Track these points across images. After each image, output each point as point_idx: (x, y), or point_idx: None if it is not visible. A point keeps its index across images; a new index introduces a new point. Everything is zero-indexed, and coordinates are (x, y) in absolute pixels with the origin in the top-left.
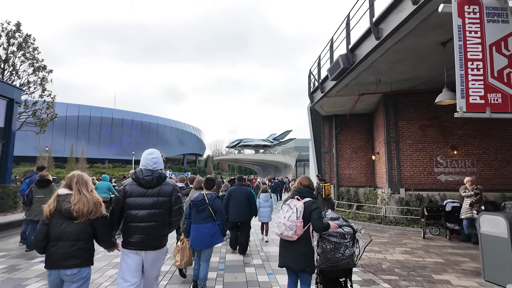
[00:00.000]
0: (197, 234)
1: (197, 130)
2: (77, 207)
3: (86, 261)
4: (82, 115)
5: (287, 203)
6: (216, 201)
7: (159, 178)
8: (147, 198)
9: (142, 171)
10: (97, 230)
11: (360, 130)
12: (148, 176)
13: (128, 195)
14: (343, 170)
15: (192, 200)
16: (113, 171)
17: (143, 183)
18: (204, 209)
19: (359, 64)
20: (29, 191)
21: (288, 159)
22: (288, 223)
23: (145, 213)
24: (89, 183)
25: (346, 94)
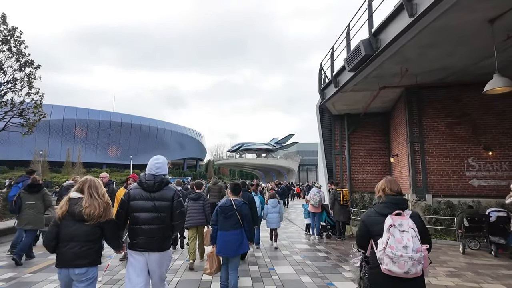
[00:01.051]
0: (225, 241)
1: (198, 134)
2: (88, 210)
3: (93, 261)
4: (79, 118)
5: (392, 223)
6: (243, 207)
7: (160, 182)
8: (149, 201)
9: (145, 175)
10: (106, 232)
11: (375, 131)
12: (150, 181)
13: (132, 199)
14: (356, 174)
15: (220, 206)
16: (111, 176)
17: (145, 187)
18: (232, 215)
19: (384, 51)
20: (18, 197)
21: (291, 163)
22: (417, 255)
23: (147, 216)
24: (100, 187)
25: (363, 88)
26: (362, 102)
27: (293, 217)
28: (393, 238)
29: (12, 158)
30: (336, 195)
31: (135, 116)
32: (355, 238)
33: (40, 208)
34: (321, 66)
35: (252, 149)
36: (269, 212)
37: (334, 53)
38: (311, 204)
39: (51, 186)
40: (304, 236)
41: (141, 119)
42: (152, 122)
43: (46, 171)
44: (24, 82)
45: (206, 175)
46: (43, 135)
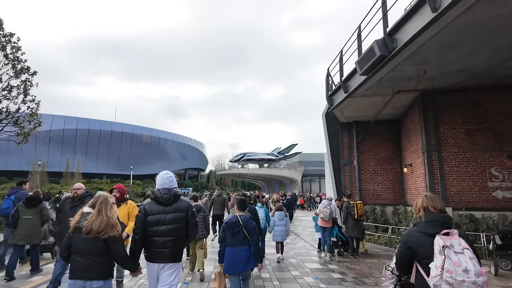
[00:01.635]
0: (234, 257)
1: (199, 144)
2: (88, 224)
3: (102, 274)
4: (80, 128)
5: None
6: (250, 222)
7: (175, 195)
8: (166, 214)
9: (160, 190)
10: (111, 250)
11: (385, 139)
12: (166, 194)
13: (149, 213)
14: (366, 185)
15: (226, 223)
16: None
17: (161, 201)
18: (239, 231)
19: (400, 51)
20: (15, 211)
21: (294, 173)
22: (479, 280)
23: (164, 229)
24: (111, 205)
25: (375, 93)
26: (372, 108)
27: (299, 230)
28: (450, 261)
29: (11, 168)
30: (349, 209)
31: (136, 126)
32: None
33: (36, 223)
34: (328, 71)
35: (254, 159)
36: (276, 224)
37: (343, 57)
38: (321, 218)
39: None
40: (314, 253)
41: (142, 128)
42: (153, 132)
43: (44, 182)
44: (20, 89)
45: (207, 185)
46: (43, 145)
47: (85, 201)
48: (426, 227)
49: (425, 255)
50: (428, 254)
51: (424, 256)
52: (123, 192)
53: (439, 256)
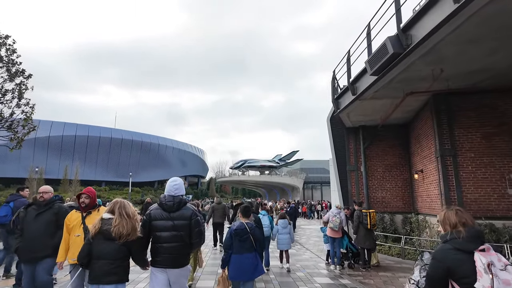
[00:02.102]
0: (240, 264)
1: (200, 151)
2: (116, 229)
3: (122, 278)
4: (79, 135)
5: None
6: (256, 230)
7: (179, 203)
8: (169, 221)
9: (165, 197)
10: (132, 251)
11: (393, 144)
12: (170, 201)
13: (153, 219)
14: (374, 193)
15: (235, 229)
16: (109, 194)
17: (165, 207)
18: (247, 238)
19: (416, 48)
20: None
21: (295, 181)
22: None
23: (167, 235)
24: (129, 208)
25: (385, 95)
26: (381, 112)
27: (303, 240)
28: (499, 280)
29: (9, 175)
30: (361, 218)
31: (136, 133)
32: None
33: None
34: (334, 74)
35: (255, 166)
36: (280, 233)
37: (350, 57)
38: (329, 228)
39: None
40: (322, 266)
41: (142, 135)
42: (153, 139)
43: None
44: (15, 93)
45: (208, 193)
46: (41, 152)
47: (53, 207)
48: (464, 244)
49: (465, 274)
50: (468, 273)
51: (464, 276)
52: (94, 197)
53: (485, 275)
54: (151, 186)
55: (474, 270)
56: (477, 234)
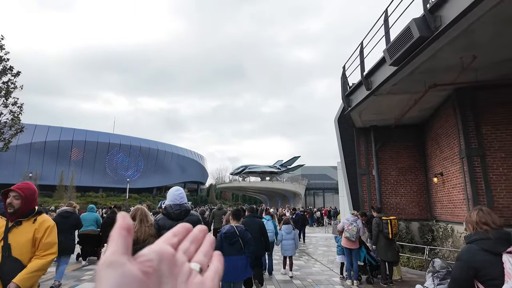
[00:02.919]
0: (231, 266)
1: (200, 157)
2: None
3: None
4: (76, 140)
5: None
6: (246, 233)
7: (186, 211)
8: None
9: (171, 206)
10: None
11: (407, 146)
12: (177, 210)
13: (162, 228)
14: (388, 198)
15: (225, 233)
16: (106, 201)
17: (173, 216)
18: (236, 241)
19: (446, 30)
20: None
21: (297, 187)
22: None
23: None
24: (149, 216)
25: (403, 90)
26: (396, 109)
27: (310, 250)
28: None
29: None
30: (381, 226)
31: (135, 138)
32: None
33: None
34: (344, 69)
35: (256, 172)
36: (284, 238)
37: (363, 50)
38: (345, 238)
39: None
40: (337, 280)
41: (141, 140)
42: (152, 144)
43: None
44: (2, 91)
45: (207, 199)
46: (37, 157)
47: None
48: (492, 245)
49: (492, 276)
50: (495, 275)
51: (491, 277)
52: (29, 199)
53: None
54: (149, 192)
55: (502, 272)
56: (506, 236)
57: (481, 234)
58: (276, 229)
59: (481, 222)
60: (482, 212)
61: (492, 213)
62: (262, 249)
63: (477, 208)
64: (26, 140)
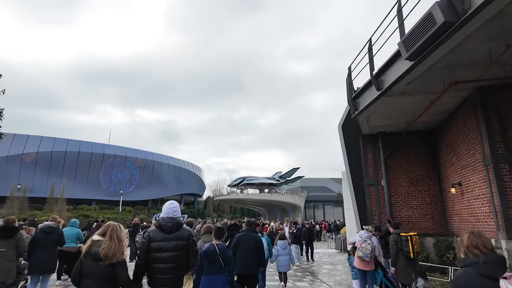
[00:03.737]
0: (210, 285)
1: (197, 169)
2: (104, 251)
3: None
4: (70, 151)
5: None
6: (226, 251)
7: (178, 224)
8: (168, 242)
9: (164, 219)
10: (117, 273)
11: (418, 153)
12: (169, 223)
13: (152, 240)
14: (399, 211)
15: (204, 251)
16: (99, 214)
17: (165, 229)
18: (216, 259)
19: (477, 13)
20: None
21: (297, 199)
22: None
23: (166, 255)
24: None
25: (418, 89)
26: (408, 113)
27: (314, 268)
28: None
29: None
30: (399, 244)
31: (130, 149)
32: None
33: (11, 256)
34: (349, 71)
35: (254, 184)
36: (280, 254)
37: (372, 47)
38: (358, 257)
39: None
40: None
41: (136, 151)
42: (148, 155)
43: (24, 208)
44: None
45: (205, 212)
46: (29, 168)
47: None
48: (489, 270)
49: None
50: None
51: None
52: None
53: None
54: (144, 205)
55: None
56: (501, 260)
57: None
58: (270, 245)
59: (472, 246)
60: (473, 236)
61: (483, 236)
62: (256, 266)
63: (468, 231)
64: (17, 151)
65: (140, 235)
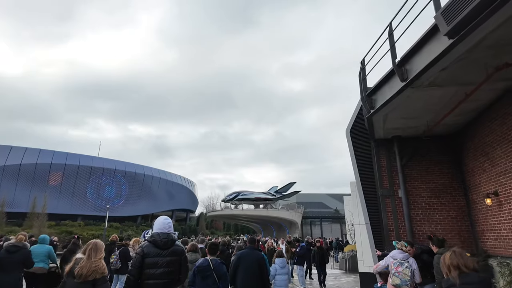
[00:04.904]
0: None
1: (190, 183)
2: (79, 269)
3: None
4: (56, 163)
5: None
6: (220, 266)
7: (172, 240)
8: (162, 257)
9: (159, 235)
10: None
11: (438, 161)
12: (165, 239)
13: (146, 255)
14: (420, 226)
15: (198, 266)
16: (84, 230)
17: (160, 244)
18: (209, 275)
19: None
20: None
21: (293, 215)
22: None
23: (160, 271)
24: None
25: (452, 78)
26: (433, 111)
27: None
28: None
29: None
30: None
31: (120, 161)
32: None
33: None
34: (363, 65)
35: (249, 199)
36: (278, 273)
37: (393, 32)
38: (394, 286)
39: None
40: None
41: (126, 164)
42: (139, 168)
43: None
44: None
45: (197, 229)
46: (10, 181)
47: None
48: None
49: None
50: None
51: None
52: None
53: None
54: (133, 221)
55: None
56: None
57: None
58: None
59: (452, 266)
60: (454, 255)
61: (464, 255)
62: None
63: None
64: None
65: (116, 255)
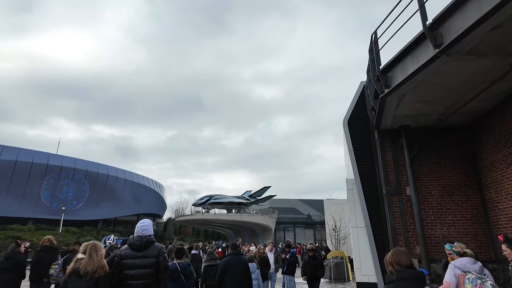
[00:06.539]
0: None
1: (158, 186)
2: (84, 267)
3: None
4: (4, 159)
5: None
6: (187, 267)
7: (147, 242)
8: (138, 259)
9: (133, 238)
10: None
11: (450, 155)
12: (138, 241)
13: (124, 258)
14: (431, 229)
15: None
16: (34, 235)
17: (134, 247)
18: (177, 277)
19: None
20: None
21: (268, 220)
22: None
23: (136, 273)
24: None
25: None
26: (458, 93)
27: None
28: None
29: None
30: None
31: (80, 160)
32: None
33: None
34: (375, 37)
35: (222, 203)
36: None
37: None
38: None
39: None
40: None
41: (88, 163)
42: (102, 168)
43: None
44: None
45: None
46: None
47: None
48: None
49: None
50: None
51: None
52: None
53: None
54: (93, 225)
55: None
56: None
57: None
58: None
59: (389, 263)
60: (392, 253)
61: (399, 253)
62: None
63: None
64: None
65: (58, 264)
